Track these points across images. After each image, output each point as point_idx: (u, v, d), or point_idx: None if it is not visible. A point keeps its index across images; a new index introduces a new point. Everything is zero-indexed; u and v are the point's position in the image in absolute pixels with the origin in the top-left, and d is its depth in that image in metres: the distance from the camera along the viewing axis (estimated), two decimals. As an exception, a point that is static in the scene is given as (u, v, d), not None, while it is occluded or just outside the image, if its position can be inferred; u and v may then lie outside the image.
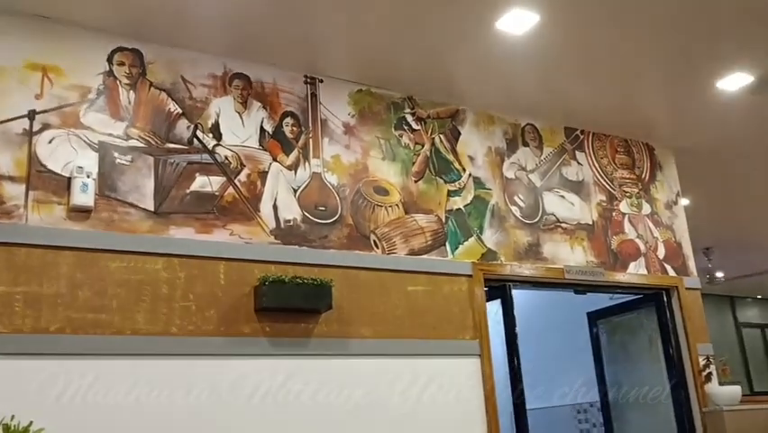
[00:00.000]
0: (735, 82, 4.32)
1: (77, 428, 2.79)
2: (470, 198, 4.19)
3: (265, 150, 3.63)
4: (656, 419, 4.62)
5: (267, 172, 3.58)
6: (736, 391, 4.41)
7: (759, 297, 12.01)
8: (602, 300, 5.03)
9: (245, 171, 3.52)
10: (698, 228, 5.42)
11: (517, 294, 4.24)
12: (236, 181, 3.48)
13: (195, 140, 3.46)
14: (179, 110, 3.46)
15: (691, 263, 4.97)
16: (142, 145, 3.31)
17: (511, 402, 3.93)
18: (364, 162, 3.91)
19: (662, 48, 3.93)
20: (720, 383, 4.54)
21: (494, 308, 4.11)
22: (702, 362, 4.58)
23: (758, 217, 7.37)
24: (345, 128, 3.91)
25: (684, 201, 5.27)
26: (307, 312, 3.39)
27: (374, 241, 3.76)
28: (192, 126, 3.47)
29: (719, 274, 8.61)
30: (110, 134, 3.24)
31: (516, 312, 4.14)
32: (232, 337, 3.21)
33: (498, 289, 4.14)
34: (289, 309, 3.32)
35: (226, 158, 3.50)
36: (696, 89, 4.43)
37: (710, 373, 4.55)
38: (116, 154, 3.23)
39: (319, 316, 3.42)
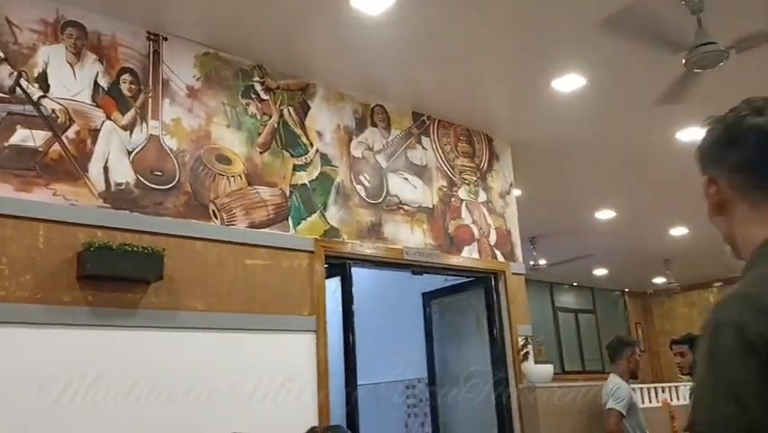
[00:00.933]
0: (569, 83, 4.64)
1: None
2: (315, 173, 4.16)
3: (98, 106, 3.36)
4: (478, 393, 4.90)
5: (99, 131, 3.33)
6: (548, 369, 4.78)
7: (575, 284, 13.13)
8: (437, 281, 5.24)
9: (74, 128, 3.25)
10: (526, 218, 5.80)
11: (357, 272, 4.29)
12: (63, 138, 3.20)
13: (17, 89, 3.13)
14: (1, 54, 3.11)
15: (518, 250, 5.30)
16: (-48, 88, 2.95)
17: (344, 378, 3.98)
18: (207, 129, 3.75)
19: (506, 45, 4.13)
20: (536, 362, 4.90)
21: (333, 286, 4.14)
22: (521, 342, 4.91)
23: (578, 210, 8.02)
24: (189, 91, 3.73)
25: (516, 192, 5.60)
26: (136, 282, 3.20)
27: (213, 211, 3.63)
28: (15, 74, 3.14)
29: (542, 262, 9.27)
30: None
31: (354, 290, 4.20)
32: (50, 306, 2.96)
33: (339, 266, 4.17)
34: (116, 278, 3.12)
35: (53, 111, 3.20)
36: (533, 87, 4.70)
37: (528, 353, 4.89)
38: None
39: (148, 286, 3.25)
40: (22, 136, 3.09)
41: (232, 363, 3.47)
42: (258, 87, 4.04)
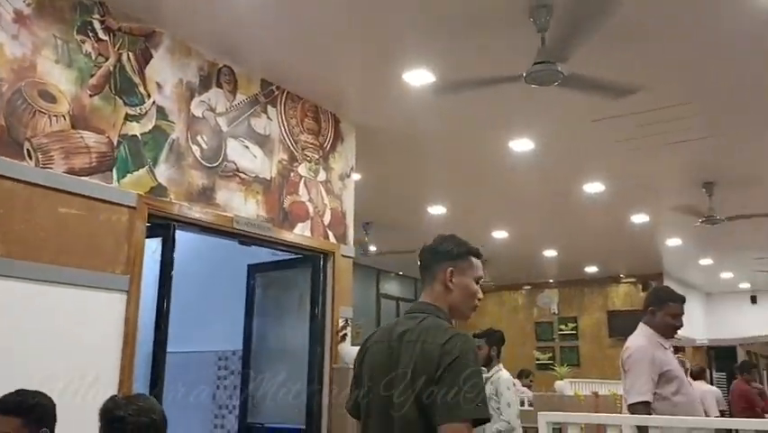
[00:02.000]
0: (418, 78, 4.76)
1: None
2: (149, 126, 3.93)
3: None
4: (292, 370, 4.92)
5: None
6: (363, 351, 4.89)
7: (400, 273, 13.61)
8: (265, 255, 5.17)
9: None
10: (363, 203, 5.90)
11: (181, 235, 4.13)
12: None
13: None
14: None
15: (350, 234, 5.38)
16: None
17: (152, 343, 3.82)
18: (33, 60, 3.41)
19: (362, 30, 4.16)
20: (352, 344, 5.01)
21: (153, 246, 3.94)
22: (342, 323, 4.99)
23: (413, 202, 8.30)
24: (17, 15, 3.36)
25: (356, 176, 5.67)
26: (-77, 216, 2.85)
27: (28, 150, 3.31)
28: None
29: (372, 248, 9.49)
30: None
31: (176, 253, 4.03)
32: None
33: (162, 227, 3.98)
34: None
35: None
36: (385, 76, 4.77)
37: (346, 334, 4.99)
38: None
39: (-61, 222, 2.90)
40: None
41: (32, 315, 3.20)
42: (97, 25, 3.73)
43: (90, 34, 3.69)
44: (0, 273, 3.10)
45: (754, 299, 14.75)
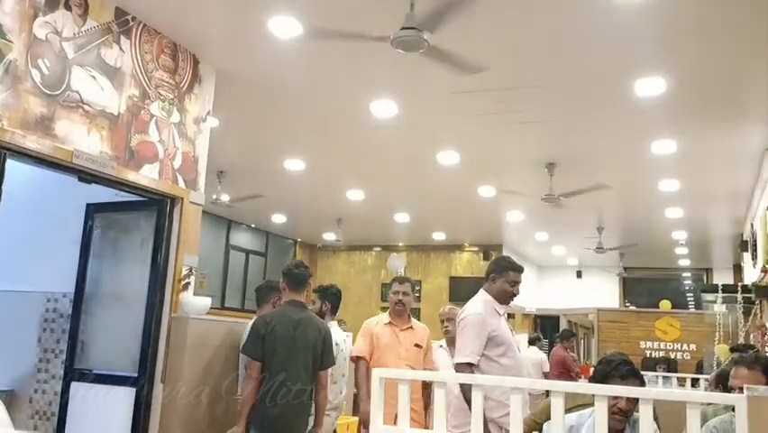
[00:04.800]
0: (285, 28, 4.64)
1: None
2: (-18, 42, 3.55)
3: None
4: (128, 316, 4.72)
5: None
6: (206, 302, 4.80)
7: (252, 226, 13.42)
8: (107, 194, 4.87)
9: None
10: (218, 151, 5.72)
11: (13, 166, 3.79)
12: None
13: None
14: None
15: (202, 180, 5.20)
16: None
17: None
18: None
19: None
20: (195, 294, 4.89)
21: (-21, 175, 3.59)
22: (185, 271, 4.85)
23: (270, 155, 8.17)
24: None
25: (213, 122, 5.47)
26: None
27: None
28: None
29: (225, 198, 9.27)
30: None
31: (5, 185, 3.70)
32: None
33: (-9, 155, 3.63)
34: None
35: None
36: (249, 21, 4.61)
37: (189, 283, 4.85)
38: None
39: None
40: None
41: None
42: None
43: None
44: None
45: (579, 274, 16.10)
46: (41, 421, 5.01)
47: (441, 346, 4.97)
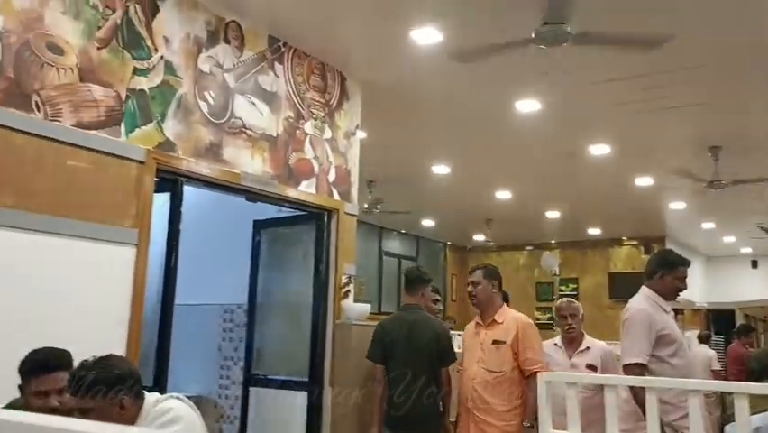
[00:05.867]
0: (426, 36, 4.73)
1: None
2: (157, 81, 3.93)
3: None
4: (296, 324, 5.01)
5: None
6: (365, 308, 4.99)
7: (402, 231, 13.69)
8: (270, 211, 5.22)
9: None
10: (367, 161, 5.91)
11: (189, 191, 4.16)
12: None
13: None
14: None
15: (355, 191, 5.41)
16: None
17: (161, 295, 3.89)
18: (41, 11, 3.39)
19: (373, -16, 4.11)
20: (355, 301, 5.09)
21: (161, 201, 3.98)
22: (345, 280, 5.06)
23: (417, 161, 8.31)
24: (23, -35, 3.33)
25: (362, 134, 5.68)
26: (-65, 167, 2.88)
27: (36, 102, 3.32)
28: None
29: (377, 206, 9.53)
30: None
31: (184, 208, 4.07)
32: None
33: (170, 182, 4.01)
34: None
35: None
36: (392, 33, 4.74)
37: (349, 291, 5.06)
38: None
39: (-49, 173, 2.94)
40: None
41: (43, 267, 3.26)
42: (104, -23, 3.70)
43: (97, -14, 3.67)
44: (10, 225, 3.15)
45: (755, 264, 14.84)
46: (225, 424, 5.44)
47: (555, 344, 4.29)
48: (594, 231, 12.93)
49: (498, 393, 3.74)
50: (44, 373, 2.42)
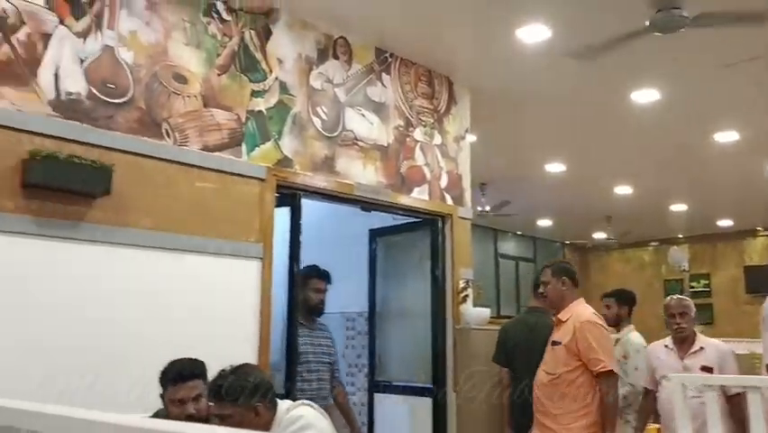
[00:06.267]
0: (533, 34, 4.65)
1: None
2: (273, 101, 4.12)
3: (51, 9, 3.22)
4: (415, 330, 5.06)
5: (51, 35, 3.20)
6: (485, 312, 4.95)
7: (518, 233, 13.46)
8: (385, 219, 5.30)
9: (25, 30, 3.11)
10: (478, 164, 5.88)
11: (306, 204, 4.31)
12: (13, 39, 3.07)
13: (-36, -18, 2.97)
14: (-54, -58, 2.94)
15: (467, 195, 5.39)
16: None
17: (287, 307, 4.05)
18: (165, 45, 3.65)
19: (476, -13, 4.09)
20: (474, 305, 5.06)
21: (282, 215, 4.15)
22: (462, 285, 5.05)
23: (529, 161, 8.16)
24: (148, 3, 3.60)
25: (471, 137, 5.65)
26: (82, 195, 3.16)
27: (166, 130, 3.57)
28: (-38, -35, 2.97)
29: (489, 208, 9.45)
30: None
31: (303, 221, 4.22)
32: (-9, 212, 2.90)
33: (289, 196, 4.17)
34: (62, 190, 3.07)
35: (4, 11, 3.05)
36: (497, 34, 4.70)
37: (467, 296, 5.04)
38: None
39: (94, 200, 3.21)
40: (-32, 34, 2.95)
41: (176, 283, 3.49)
42: (220, 7, 3.92)
43: (215, 16, 3.89)
44: (150, 245, 3.39)
45: None
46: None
47: (666, 346, 3.91)
48: (725, 223, 12.15)
49: (552, 396, 3.56)
50: (180, 382, 2.59)
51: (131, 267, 3.32)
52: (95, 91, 3.31)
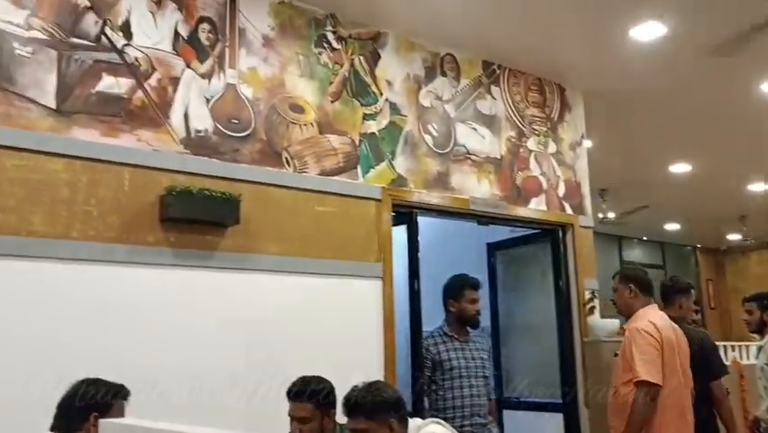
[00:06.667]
0: (648, 32, 4.48)
1: (-35, 328, 2.69)
2: (384, 122, 4.20)
3: (178, 55, 3.47)
4: (541, 344, 4.95)
5: (179, 79, 3.45)
6: (614, 324, 4.77)
7: (644, 238, 12.85)
8: (503, 232, 5.25)
9: (156, 76, 3.37)
10: (596, 170, 5.70)
11: (422, 221, 4.35)
12: (146, 85, 3.33)
13: (103, 37, 3.26)
14: (87, 3, 3.24)
15: (587, 203, 5.24)
16: (45, 37, 3.09)
17: (409, 324, 4.09)
18: (281, 78, 3.82)
19: (583, -10, 4.01)
20: (602, 317, 4.89)
21: (399, 234, 4.21)
22: (588, 296, 4.90)
23: (651, 163, 7.81)
24: (264, 40, 3.79)
25: (587, 143, 5.50)
26: (214, 225, 3.36)
27: (286, 158, 3.73)
28: (100, 22, 3.26)
29: (611, 215, 9.11)
30: (9, 22, 3.01)
31: (420, 238, 4.26)
32: (135, 246, 3.15)
33: (405, 215, 4.23)
34: (196, 221, 3.28)
35: (136, 59, 3.33)
36: (609, 35, 4.56)
37: (594, 307, 4.88)
38: (15, 44, 3.01)
39: (226, 230, 3.40)
40: (108, 83, 3.23)
41: (303, 306, 3.62)
42: (330, 37, 4.07)
43: (325, 46, 4.04)
44: (278, 269, 3.55)
45: None
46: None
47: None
48: None
49: (611, 410, 3.43)
50: (290, 400, 2.68)
51: (261, 292, 3.49)
52: (220, 127, 3.52)
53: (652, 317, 3.45)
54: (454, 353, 3.91)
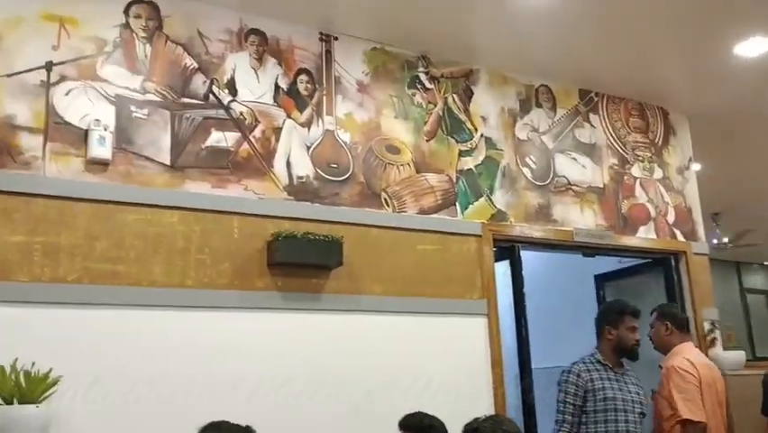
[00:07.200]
0: (753, 47, 4.28)
1: (94, 375, 2.86)
2: (481, 158, 4.20)
3: (279, 106, 3.64)
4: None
5: (281, 129, 3.60)
6: (740, 356, 4.47)
7: (766, 263, 12.04)
8: (610, 263, 5.06)
9: (260, 128, 3.54)
10: (707, 194, 5.43)
11: (526, 255, 4.28)
12: (251, 137, 3.50)
13: (210, 95, 3.46)
14: (195, 65, 3.46)
15: (700, 229, 4.99)
16: (159, 99, 3.32)
17: (517, 362, 4.00)
18: (377, 121, 3.91)
19: (678, 11, 3.88)
20: (725, 349, 4.60)
21: (502, 269, 4.15)
22: (707, 327, 4.63)
23: (766, 183, 7.36)
24: (359, 86, 3.91)
25: (696, 166, 5.26)
26: (319, 268, 3.44)
27: (385, 199, 3.79)
28: (208, 82, 3.47)
29: (726, 240, 8.62)
30: (126, 87, 3.26)
31: (524, 273, 4.19)
32: (245, 291, 3.27)
33: (507, 249, 4.18)
34: (301, 265, 3.37)
35: (241, 114, 3.51)
36: (712, 54, 4.38)
37: (715, 338, 4.61)
38: (133, 108, 3.25)
39: (330, 272, 3.48)
40: (217, 138, 3.42)
41: (407, 345, 3.61)
42: (423, 77, 4.14)
43: (419, 86, 4.11)
44: (382, 309, 3.58)
45: None
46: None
47: None
48: None
49: None
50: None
51: (366, 333, 3.52)
52: (320, 172, 3.64)
53: (688, 354, 3.50)
54: (609, 382, 3.48)
